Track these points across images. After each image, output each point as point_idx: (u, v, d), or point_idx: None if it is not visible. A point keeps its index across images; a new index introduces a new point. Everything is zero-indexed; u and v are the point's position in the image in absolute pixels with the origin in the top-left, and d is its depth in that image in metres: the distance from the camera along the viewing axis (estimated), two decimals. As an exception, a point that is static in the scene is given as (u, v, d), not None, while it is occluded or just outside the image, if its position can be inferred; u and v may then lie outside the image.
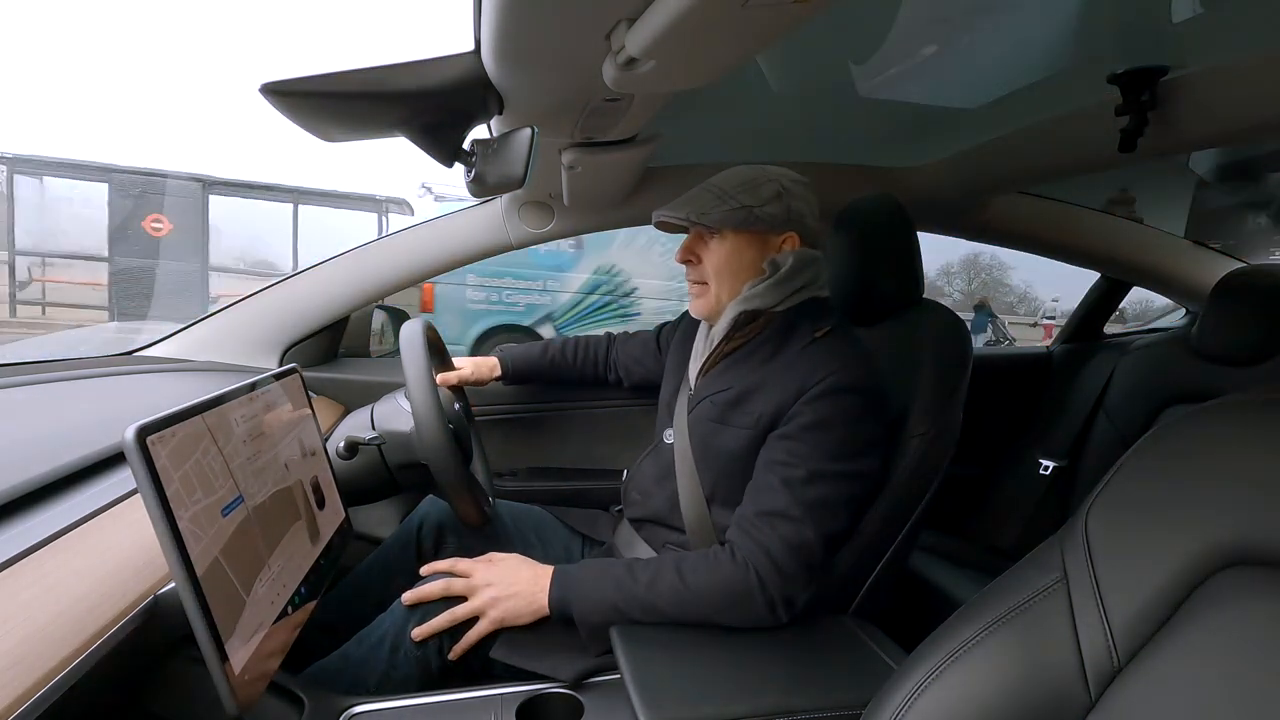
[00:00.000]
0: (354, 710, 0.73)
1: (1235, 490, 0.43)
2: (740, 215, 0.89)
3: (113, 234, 6.53)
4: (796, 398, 0.84)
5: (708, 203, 0.90)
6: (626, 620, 0.81)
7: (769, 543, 0.80)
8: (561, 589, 0.83)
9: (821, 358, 0.86)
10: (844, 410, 0.83)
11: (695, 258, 0.95)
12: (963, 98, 1.12)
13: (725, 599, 0.80)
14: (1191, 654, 0.41)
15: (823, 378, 0.83)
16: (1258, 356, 1.33)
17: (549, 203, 1.38)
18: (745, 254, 0.92)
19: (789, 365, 0.88)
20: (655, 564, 0.84)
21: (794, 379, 0.85)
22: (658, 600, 0.81)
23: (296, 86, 0.71)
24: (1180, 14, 0.82)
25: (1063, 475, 1.61)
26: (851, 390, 0.84)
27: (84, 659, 0.45)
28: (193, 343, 1.31)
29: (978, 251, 16.02)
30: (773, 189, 0.91)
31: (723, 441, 0.90)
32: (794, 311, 0.93)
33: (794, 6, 0.51)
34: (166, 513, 0.48)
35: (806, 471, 0.81)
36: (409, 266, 1.38)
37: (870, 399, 0.86)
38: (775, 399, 0.85)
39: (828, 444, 0.82)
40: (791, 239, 0.92)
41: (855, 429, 0.84)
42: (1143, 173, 1.55)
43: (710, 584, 0.81)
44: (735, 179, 0.92)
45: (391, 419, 1.01)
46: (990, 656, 0.49)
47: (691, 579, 0.81)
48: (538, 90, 0.79)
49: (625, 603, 0.81)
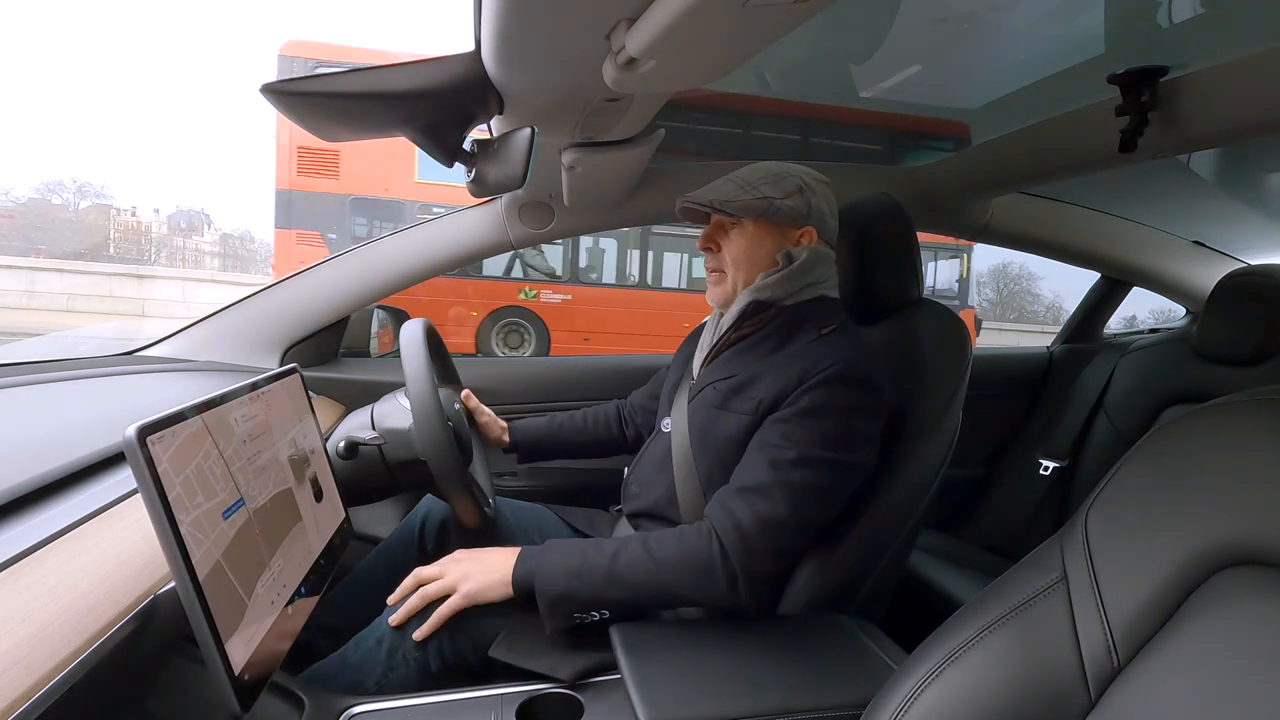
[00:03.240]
0: (354, 710, 0.73)
1: (1235, 490, 0.43)
2: (761, 205, 0.91)
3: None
4: (798, 384, 0.84)
5: (730, 192, 0.92)
6: (589, 592, 0.80)
7: (741, 516, 0.81)
8: (526, 561, 0.83)
9: (826, 350, 0.87)
10: (843, 400, 0.83)
11: (715, 245, 0.97)
12: (963, 98, 1.12)
13: (686, 567, 0.80)
14: (1191, 654, 0.41)
15: (826, 367, 0.84)
16: (1258, 356, 1.33)
17: (549, 203, 1.38)
18: (764, 245, 0.93)
19: (794, 357, 0.88)
20: (625, 539, 0.85)
21: (797, 367, 0.86)
22: (620, 568, 0.81)
23: (298, 87, 0.72)
24: (1180, 14, 0.82)
25: (1063, 475, 1.61)
26: (853, 382, 0.84)
27: (84, 659, 0.45)
28: (193, 343, 1.31)
29: (1006, 262, 15.96)
30: (795, 183, 0.92)
31: (721, 427, 0.90)
32: (803, 306, 0.94)
33: (794, 6, 0.51)
34: (167, 513, 0.48)
35: (796, 455, 0.81)
36: (409, 266, 1.38)
37: (870, 394, 0.86)
38: (777, 385, 0.86)
39: (821, 431, 0.82)
40: (809, 234, 0.94)
41: (851, 420, 0.84)
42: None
43: (673, 552, 0.81)
44: (759, 172, 0.94)
45: (391, 418, 1.01)
46: (990, 657, 0.49)
47: (656, 549, 0.81)
48: (538, 90, 0.79)
49: (587, 571, 0.81)
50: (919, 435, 0.92)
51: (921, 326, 1.03)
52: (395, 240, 1.38)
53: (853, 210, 1.12)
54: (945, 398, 0.94)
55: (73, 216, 25.23)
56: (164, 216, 29.33)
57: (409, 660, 0.82)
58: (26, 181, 46.75)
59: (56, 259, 13.95)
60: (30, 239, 21.45)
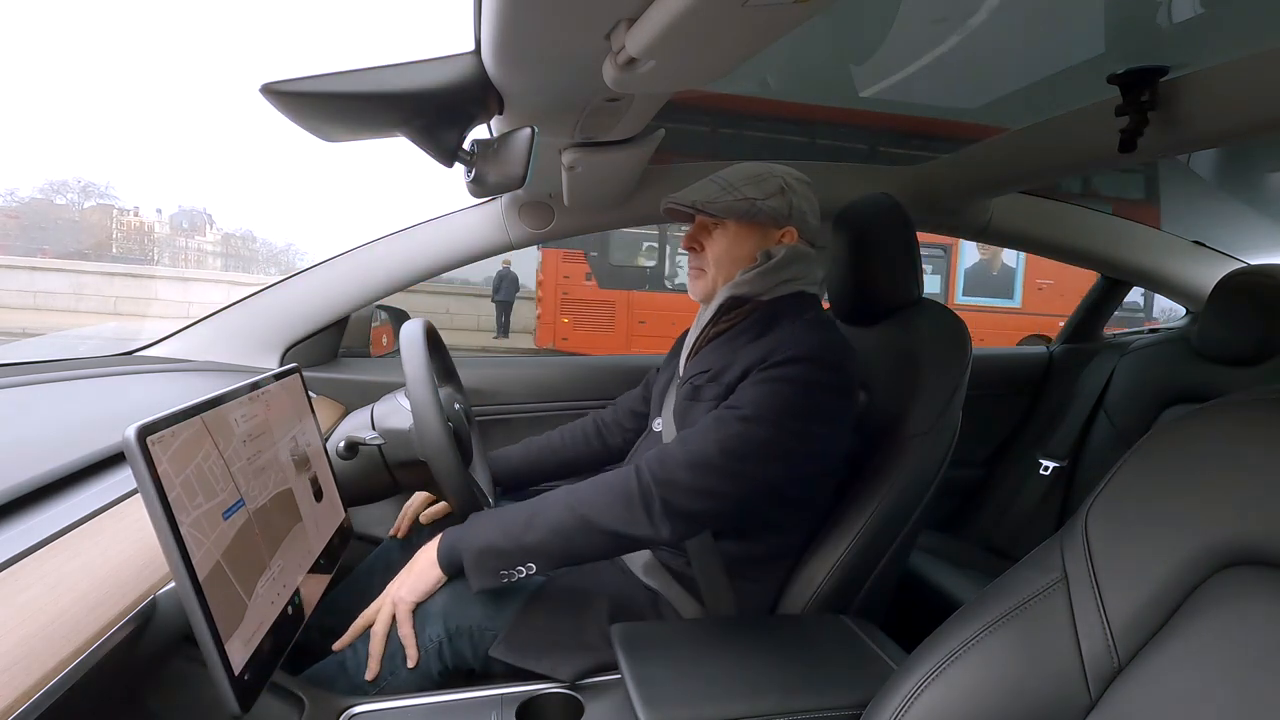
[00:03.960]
0: (354, 710, 0.73)
1: (1235, 490, 0.43)
2: (743, 206, 0.92)
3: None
4: (760, 363, 0.86)
5: (713, 193, 0.93)
6: (510, 542, 0.81)
7: (669, 450, 0.83)
8: (449, 535, 0.85)
9: (794, 336, 0.88)
10: (801, 374, 0.84)
11: (699, 245, 0.98)
12: (963, 98, 1.12)
13: (606, 497, 0.82)
14: (1192, 654, 0.41)
15: (789, 348, 0.85)
16: (1258, 356, 1.33)
17: (549, 203, 1.38)
18: (745, 245, 0.95)
19: (764, 343, 0.90)
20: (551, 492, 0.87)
21: (762, 350, 0.87)
22: (540, 509, 0.83)
23: (297, 87, 0.72)
24: (1180, 14, 0.82)
25: (1063, 475, 1.61)
26: (814, 361, 0.85)
27: (84, 658, 0.45)
28: (193, 343, 1.31)
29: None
30: (776, 184, 0.93)
31: (694, 416, 0.91)
32: (780, 301, 0.95)
33: (794, 6, 0.51)
34: (167, 513, 0.48)
35: (741, 413, 0.83)
36: (409, 266, 1.37)
37: (830, 371, 0.86)
38: (742, 366, 0.88)
39: (774, 396, 0.83)
40: (790, 234, 0.95)
41: (808, 391, 0.84)
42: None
43: (592, 486, 0.83)
44: (741, 173, 0.95)
45: (391, 418, 1.01)
46: (990, 656, 0.49)
47: (577, 487, 0.84)
48: (538, 90, 0.79)
49: (509, 522, 0.83)
50: (919, 435, 0.92)
51: (921, 326, 1.03)
52: (395, 240, 1.38)
53: (853, 210, 1.12)
54: (945, 398, 0.94)
55: (77, 217, 25.25)
56: (166, 216, 29.37)
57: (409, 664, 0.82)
58: (31, 182, 46.78)
59: (59, 259, 13.97)
60: (34, 239, 21.45)
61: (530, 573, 0.81)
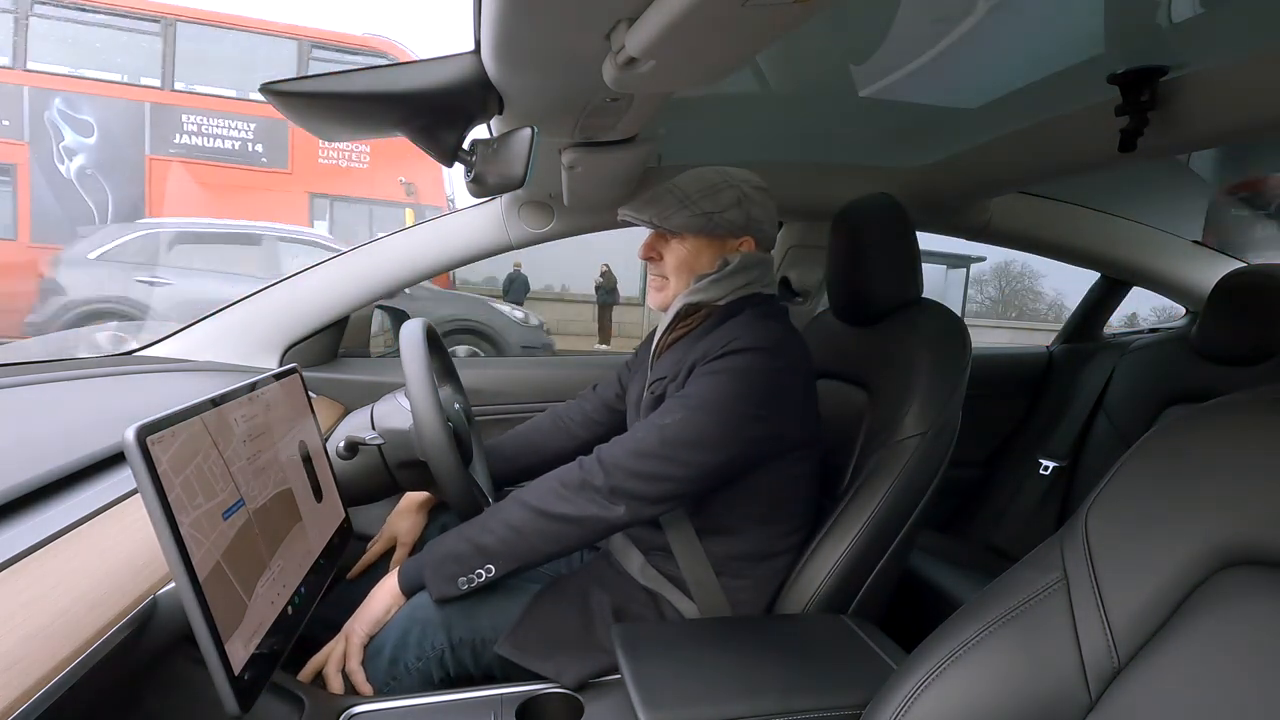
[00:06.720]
0: (354, 710, 0.73)
1: (1235, 490, 0.43)
2: (700, 221, 0.93)
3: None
4: (703, 357, 0.88)
5: (670, 206, 0.94)
6: (468, 546, 0.83)
7: (620, 440, 0.85)
8: (410, 562, 0.87)
9: (733, 328, 0.90)
10: (743, 364, 0.85)
11: (657, 255, 0.99)
12: (963, 98, 1.12)
13: (558, 489, 0.84)
14: (1192, 654, 0.41)
15: (728, 340, 0.87)
16: (1258, 356, 1.33)
17: (549, 203, 1.38)
18: (703, 255, 0.96)
19: (711, 339, 0.91)
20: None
21: (706, 345, 0.89)
22: (497, 510, 0.86)
23: (298, 87, 0.72)
24: (1180, 14, 0.82)
25: (1063, 475, 1.61)
26: (756, 350, 0.86)
27: (84, 658, 0.45)
28: (193, 343, 1.31)
29: (1009, 260, 15.97)
30: (733, 195, 0.94)
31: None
32: (735, 304, 0.96)
33: (794, 6, 0.51)
34: (167, 513, 0.48)
35: (688, 404, 0.85)
36: (409, 266, 1.37)
37: (775, 358, 0.87)
38: (691, 362, 0.89)
39: (718, 389, 0.84)
40: (748, 243, 0.97)
41: (750, 378, 0.85)
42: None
43: (543, 482, 0.86)
44: (697, 183, 0.95)
45: (391, 418, 1.01)
46: (990, 656, 0.49)
47: (532, 485, 0.86)
48: (538, 90, 0.79)
49: (466, 530, 0.85)
50: (919, 435, 0.92)
51: (921, 326, 1.03)
52: (395, 240, 1.38)
53: (853, 210, 1.12)
54: (945, 398, 0.94)
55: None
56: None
57: (411, 671, 0.82)
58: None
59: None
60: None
61: (490, 574, 0.83)
